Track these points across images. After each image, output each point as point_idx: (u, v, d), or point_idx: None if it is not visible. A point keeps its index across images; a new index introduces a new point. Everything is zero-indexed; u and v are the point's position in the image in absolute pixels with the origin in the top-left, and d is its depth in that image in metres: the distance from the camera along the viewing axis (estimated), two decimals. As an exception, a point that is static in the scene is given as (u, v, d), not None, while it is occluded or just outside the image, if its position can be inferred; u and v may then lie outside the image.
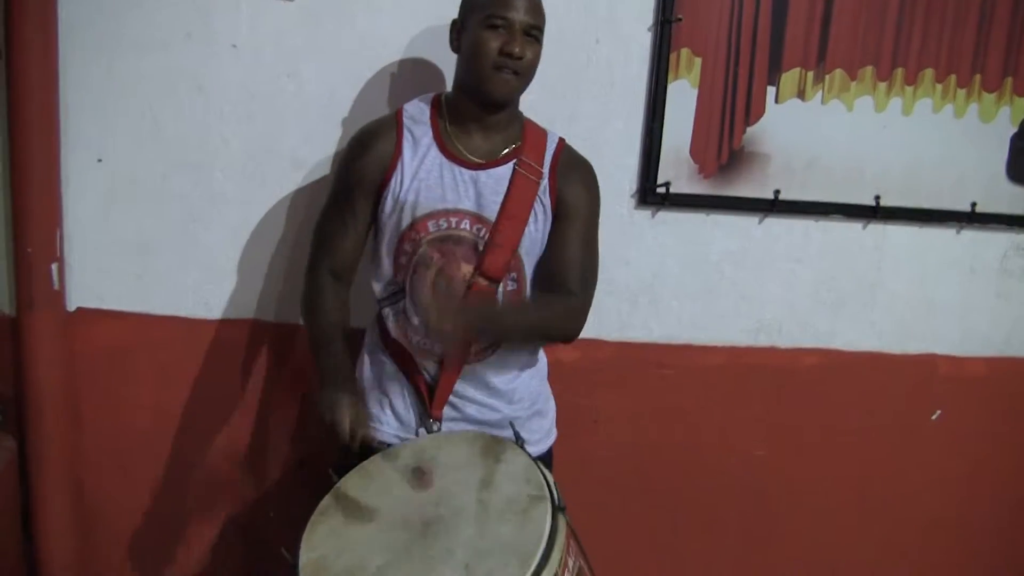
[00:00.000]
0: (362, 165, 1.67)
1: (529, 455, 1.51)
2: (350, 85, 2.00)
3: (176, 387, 2.10)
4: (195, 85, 1.97)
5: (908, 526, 2.42)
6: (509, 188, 1.66)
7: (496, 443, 1.55)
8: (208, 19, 1.94)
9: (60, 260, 1.99)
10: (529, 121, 1.77)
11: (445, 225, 1.65)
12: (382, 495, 1.48)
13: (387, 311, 1.74)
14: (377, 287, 1.76)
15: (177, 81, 1.96)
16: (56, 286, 1.98)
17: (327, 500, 1.49)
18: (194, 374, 2.10)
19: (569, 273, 1.71)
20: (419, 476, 1.52)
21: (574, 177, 1.73)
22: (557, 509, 1.38)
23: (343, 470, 1.57)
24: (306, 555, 1.38)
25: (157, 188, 2.01)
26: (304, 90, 1.99)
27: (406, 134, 1.68)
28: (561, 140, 1.77)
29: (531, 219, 1.68)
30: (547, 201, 1.70)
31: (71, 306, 2.04)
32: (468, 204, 1.66)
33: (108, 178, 2.00)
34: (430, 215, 1.65)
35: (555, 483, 1.46)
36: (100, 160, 1.99)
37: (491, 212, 1.66)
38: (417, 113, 1.71)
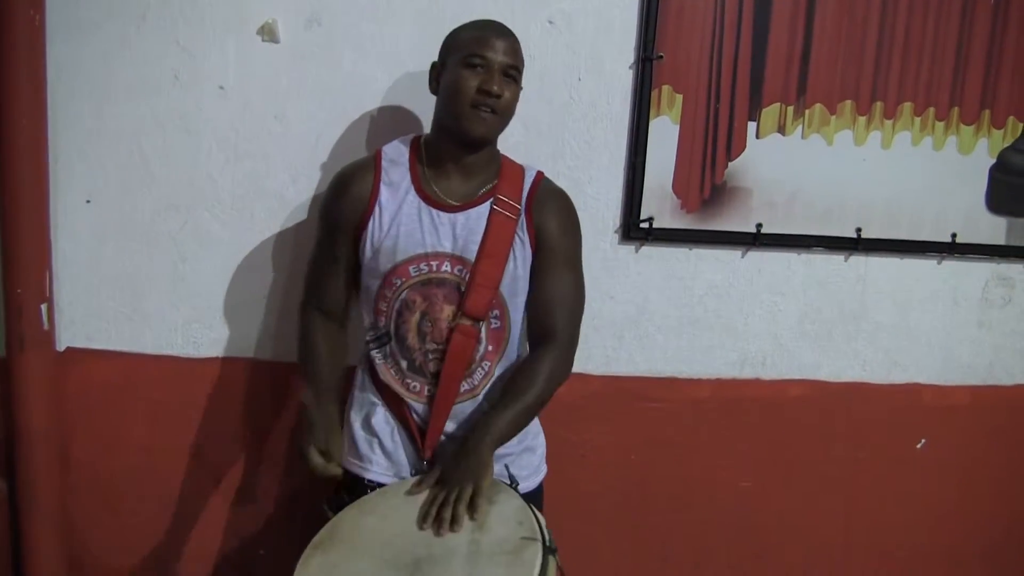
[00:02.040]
0: (340, 207, 1.70)
1: (522, 497, 1.53)
2: (337, 126, 2.01)
3: (166, 426, 2.11)
4: (183, 127, 1.99)
5: (894, 555, 2.43)
6: (487, 228, 1.67)
7: (490, 484, 1.56)
8: (196, 62, 1.96)
9: (50, 300, 1.99)
10: (506, 159, 1.77)
11: (426, 269, 1.66)
12: (376, 532, 1.49)
13: (375, 353, 1.74)
14: (365, 328, 1.77)
15: (165, 123, 1.98)
16: (46, 326, 1.99)
17: (321, 534, 1.50)
18: (184, 413, 2.11)
19: (552, 314, 1.71)
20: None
21: (550, 208, 1.73)
22: (548, 551, 1.39)
23: (337, 505, 1.59)
24: None
25: (146, 228, 2.03)
26: (291, 131, 2.00)
27: (384, 176, 1.69)
28: (539, 174, 1.78)
29: (511, 256, 1.68)
30: (526, 237, 1.70)
31: (61, 346, 2.05)
32: (448, 247, 1.67)
33: (97, 219, 2.02)
34: (411, 259, 1.66)
35: (547, 526, 1.48)
36: (89, 201, 2.01)
37: (470, 253, 1.66)
38: (396, 155, 1.73)
